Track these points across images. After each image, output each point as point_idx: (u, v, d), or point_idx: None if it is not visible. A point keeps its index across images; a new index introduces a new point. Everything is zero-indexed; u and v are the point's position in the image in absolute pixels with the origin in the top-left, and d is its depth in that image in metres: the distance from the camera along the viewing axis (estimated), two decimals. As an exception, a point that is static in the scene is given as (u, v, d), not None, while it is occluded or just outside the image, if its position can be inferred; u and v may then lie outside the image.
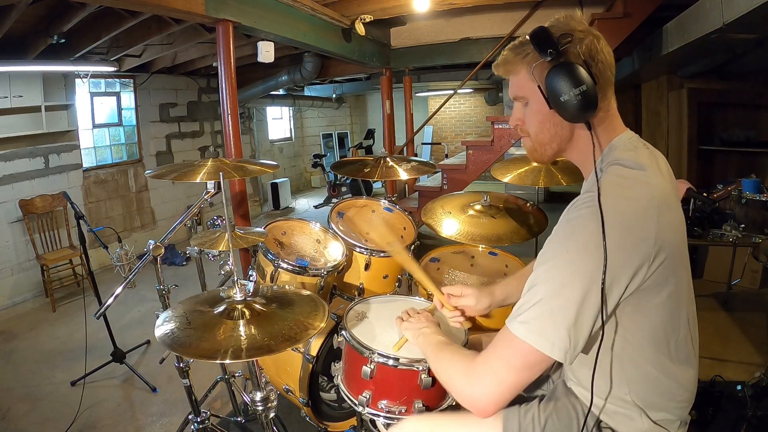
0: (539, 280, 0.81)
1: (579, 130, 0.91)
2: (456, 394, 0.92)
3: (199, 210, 1.64)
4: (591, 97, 0.83)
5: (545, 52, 0.84)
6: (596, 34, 0.88)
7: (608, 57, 0.88)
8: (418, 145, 8.70)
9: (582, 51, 0.85)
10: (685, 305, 0.89)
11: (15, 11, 2.80)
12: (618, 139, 0.91)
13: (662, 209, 0.81)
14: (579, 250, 0.78)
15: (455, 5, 3.93)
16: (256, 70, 5.61)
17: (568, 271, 0.78)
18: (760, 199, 2.79)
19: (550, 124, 0.91)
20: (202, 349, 1.03)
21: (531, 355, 0.80)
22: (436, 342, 1.06)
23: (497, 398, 0.84)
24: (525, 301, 0.82)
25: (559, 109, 0.86)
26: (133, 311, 3.60)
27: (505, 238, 1.83)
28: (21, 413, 2.39)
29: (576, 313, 0.77)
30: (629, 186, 0.81)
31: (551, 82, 0.84)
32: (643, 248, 0.78)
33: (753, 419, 1.81)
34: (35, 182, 4.14)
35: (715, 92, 4.22)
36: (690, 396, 0.93)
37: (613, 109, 0.92)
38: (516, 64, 0.92)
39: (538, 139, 0.95)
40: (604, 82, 0.87)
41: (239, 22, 2.78)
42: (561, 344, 0.77)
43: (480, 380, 0.85)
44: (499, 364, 0.83)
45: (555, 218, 1.02)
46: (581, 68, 0.83)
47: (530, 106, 0.93)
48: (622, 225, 0.78)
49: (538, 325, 0.78)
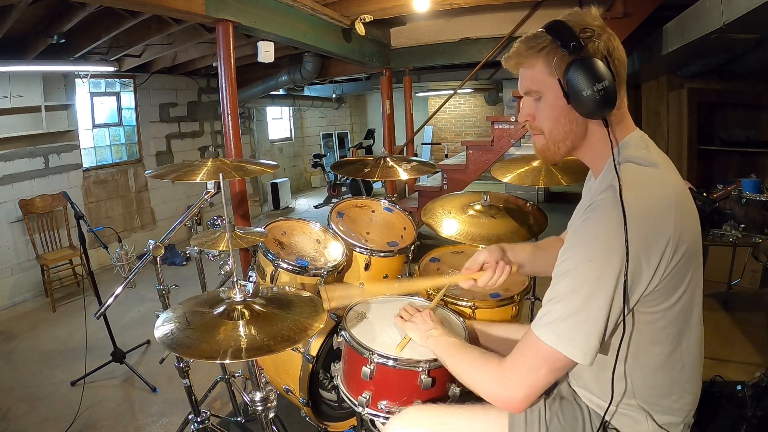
0: (565, 289, 0.81)
1: (594, 126, 0.89)
2: (485, 396, 0.93)
3: (199, 210, 1.64)
4: (611, 93, 0.82)
5: (567, 45, 0.82)
6: (611, 32, 0.87)
7: (623, 55, 0.88)
8: (418, 145, 8.70)
9: (601, 47, 0.84)
10: (697, 305, 0.88)
11: (15, 11, 2.80)
12: (630, 137, 0.90)
13: (679, 205, 0.80)
14: (603, 256, 0.77)
15: (455, 5, 3.93)
16: (256, 70, 5.61)
17: (593, 278, 0.78)
18: (760, 199, 2.79)
19: (566, 120, 0.89)
20: (202, 350, 1.03)
21: (560, 361, 0.81)
22: (449, 344, 1.06)
23: (529, 399, 0.86)
24: (552, 309, 0.82)
25: (578, 104, 0.84)
26: (133, 311, 3.60)
27: (505, 238, 1.83)
28: (21, 413, 2.39)
29: (605, 319, 0.78)
30: (645, 183, 0.81)
31: (572, 76, 0.82)
32: (662, 241, 0.78)
33: (753, 419, 1.81)
34: (35, 182, 4.14)
35: (715, 92, 4.22)
36: (694, 399, 0.92)
37: (625, 107, 0.91)
38: (530, 57, 0.89)
39: (552, 135, 0.91)
40: (620, 80, 0.86)
41: (239, 22, 2.78)
42: (591, 351, 0.79)
43: (510, 384, 0.87)
44: (529, 368, 0.84)
45: (555, 218, 1.02)
46: (602, 63, 0.82)
47: (544, 100, 0.90)
48: (643, 221, 0.77)
49: (569, 335, 0.79)
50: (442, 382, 1.19)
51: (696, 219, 0.87)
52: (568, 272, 0.80)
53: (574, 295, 0.79)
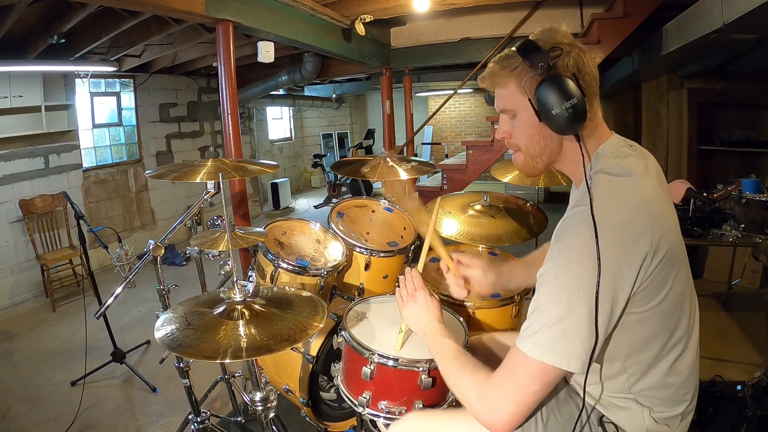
0: (545, 300, 0.81)
1: (567, 141, 0.92)
2: (471, 412, 0.90)
3: (199, 210, 1.64)
4: (580, 110, 0.84)
5: (536, 66, 0.85)
6: (581, 47, 0.90)
7: (593, 69, 0.90)
8: (418, 145, 8.70)
9: (570, 64, 0.86)
10: (688, 302, 0.89)
11: (15, 11, 2.80)
12: (603, 147, 0.92)
13: (652, 207, 0.82)
14: (580, 265, 0.78)
15: (455, 5, 3.93)
16: (256, 70, 5.61)
17: (573, 287, 0.79)
18: (760, 199, 2.78)
19: (540, 137, 0.92)
20: (202, 350, 1.03)
21: (549, 374, 0.81)
22: (444, 347, 1.03)
23: (515, 420, 0.84)
24: (534, 322, 0.81)
25: (549, 122, 0.87)
26: (133, 311, 3.60)
27: (505, 238, 1.84)
28: (21, 413, 2.39)
29: (588, 326, 0.78)
30: (617, 193, 0.83)
31: (541, 95, 0.85)
32: (642, 244, 0.79)
33: (753, 419, 1.80)
34: (35, 182, 4.14)
35: (715, 92, 4.21)
36: (692, 393, 0.93)
37: (599, 118, 0.94)
38: (504, 77, 0.92)
39: (529, 151, 0.95)
40: (590, 94, 0.88)
41: (239, 22, 2.78)
42: (577, 358, 0.79)
43: (495, 405, 0.84)
44: (516, 387, 0.83)
45: (555, 218, 1.02)
46: (570, 81, 0.84)
47: (519, 118, 0.93)
48: (617, 229, 0.79)
49: (552, 344, 0.79)
50: (443, 382, 1.18)
51: (675, 220, 0.88)
52: (549, 283, 0.82)
53: (555, 305, 0.80)
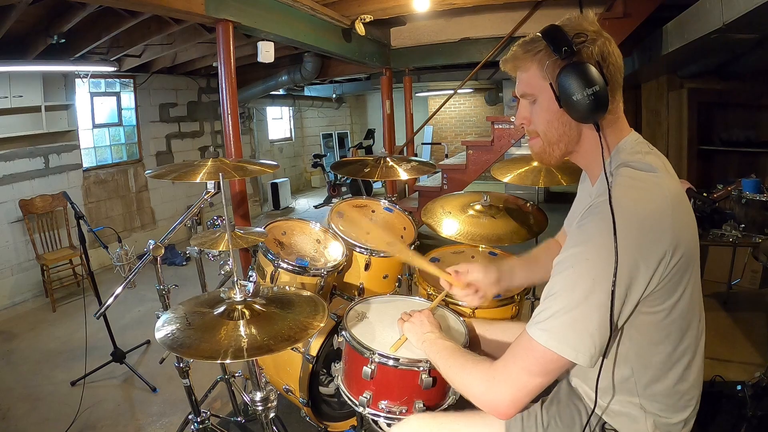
0: (560, 287, 0.81)
1: (587, 130, 0.90)
2: (474, 399, 0.92)
3: (199, 210, 1.64)
4: (602, 98, 0.82)
5: (559, 50, 0.84)
6: (607, 36, 0.88)
7: (618, 60, 0.88)
8: (418, 145, 8.69)
9: (595, 52, 0.85)
10: (697, 306, 0.88)
11: (15, 11, 2.80)
12: (624, 142, 0.91)
13: (676, 208, 0.81)
14: (600, 256, 0.77)
15: (455, 5, 3.93)
16: (256, 70, 5.61)
17: (589, 277, 0.78)
18: (760, 199, 2.79)
19: (559, 123, 0.90)
20: (203, 350, 1.03)
21: (553, 362, 0.80)
22: (444, 347, 1.05)
23: (517, 403, 0.85)
24: (546, 308, 0.81)
25: (569, 108, 0.85)
26: (133, 311, 3.60)
27: (505, 238, 1.83)
28: (21, 413, 2.39)
29: (599, 318, 0.77)
30: (642, 188, 0.81)
31: (563, 80, 0.83)
32: (661, 246, 0.78)
33: (753, 419, 1.81)
34: (35, 182, 4.13)
35: (715, 92, 4.22)
36: (696, 400, 0.92)
37: (620, 111, 0.92)
38: (526, 60, 0.91)
39: (546, 138, 0.93)
40: (614, 85, 0.87)
41: (239, 22, 2.78)
42: (585, 350, 0.78)
43: (500, 386, 0.85)
44: (519, 370, 0.83)
45: (555, 218, 1.03)
46: (594, 68, 0.83)
47: (538, 103, 0.92)
48: (640, 224, 0.77)
49: (562, 333, 0.78)
50: (443, 381, 1.18)
51: (693, 222, 0.87)
52: (565, 270, 0.81)
53: (569, 293, 0.79)
